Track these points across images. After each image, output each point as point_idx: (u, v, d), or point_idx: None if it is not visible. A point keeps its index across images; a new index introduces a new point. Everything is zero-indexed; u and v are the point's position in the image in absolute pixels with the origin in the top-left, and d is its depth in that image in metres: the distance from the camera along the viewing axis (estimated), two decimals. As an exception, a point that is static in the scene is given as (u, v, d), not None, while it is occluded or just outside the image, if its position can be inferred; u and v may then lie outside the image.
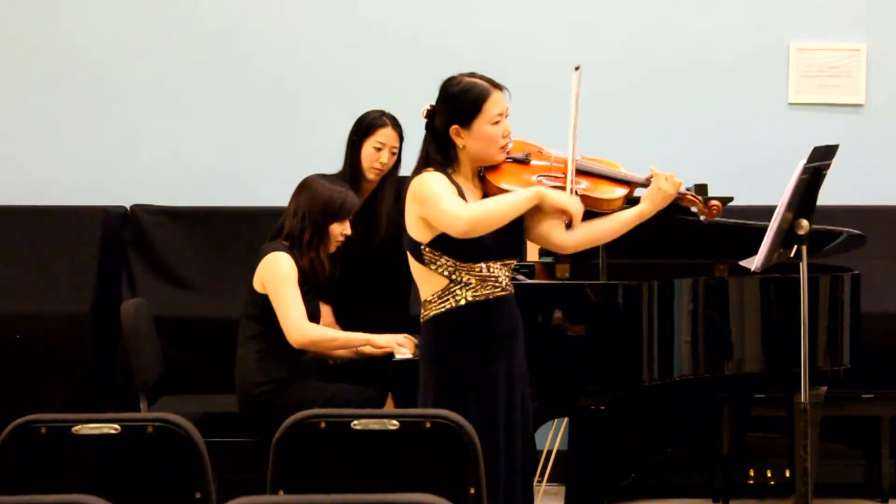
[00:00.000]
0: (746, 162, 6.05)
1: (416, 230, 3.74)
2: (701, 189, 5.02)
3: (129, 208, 5.98)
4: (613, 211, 3.87)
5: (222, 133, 6.13)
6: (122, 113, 6.14)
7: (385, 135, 4.93)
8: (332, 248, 4.79)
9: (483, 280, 3.75)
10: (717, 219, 4.23)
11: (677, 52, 6.12)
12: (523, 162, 3.83)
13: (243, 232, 5.61)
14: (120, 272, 5.91)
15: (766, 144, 6.06)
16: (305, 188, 4.79)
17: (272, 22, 6.13)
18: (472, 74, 3.80)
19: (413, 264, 3.80)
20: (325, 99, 6.09)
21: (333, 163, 5.09)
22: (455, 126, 3.73)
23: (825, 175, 4.19)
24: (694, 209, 3.97)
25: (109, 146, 6.14)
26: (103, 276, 5.89)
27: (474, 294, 3.74)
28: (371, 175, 4.95)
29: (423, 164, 3.78)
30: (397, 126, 4.95)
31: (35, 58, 6.14)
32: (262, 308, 4.71)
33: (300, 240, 4.72)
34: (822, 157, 4.12)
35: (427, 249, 3.73)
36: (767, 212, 4.18)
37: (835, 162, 4.22)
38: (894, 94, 6.15)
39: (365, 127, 4.95)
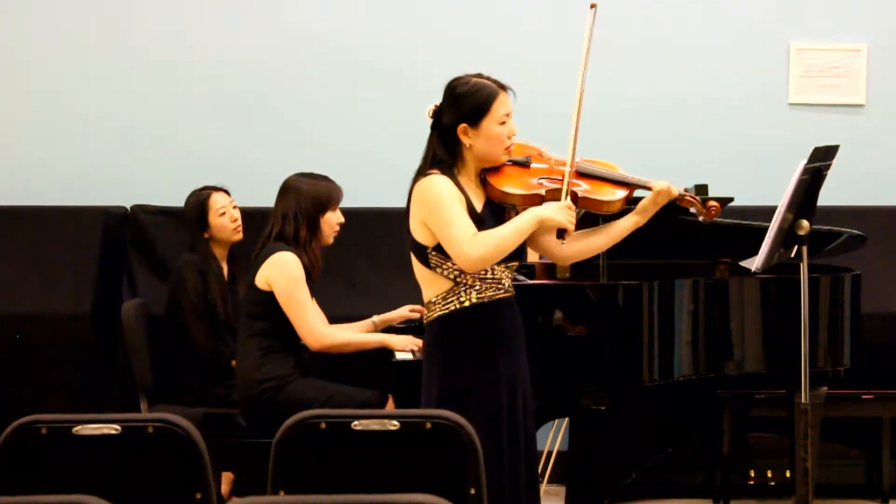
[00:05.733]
0: (746, 162, 6.05)
1: (422, 234, 3.74)
2: (701, 189, 5.02)
3: (129, 208, 5.98)
4: (613, 213, 3.87)
5: (223, 133, 6.13)
6: (122, 113, 6.14)
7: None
8: (330, 240, 4.82)
9: (487, 282, 3.76)
10: (718, 219, 4.22)
11: (677, 52, 6.12)
12: (524, 165, 3.84)
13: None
14: (120, 272, 5.91)
15: (766, 144, 6.06)
16: (289, 189, 4.82)
17: (272, 24, 6.13)
18: (479, 75, 3.81)
19: (416, 266, 3.79)
20: (325, 100, 6.09)
21: (333, 163, 5.09)
22: (463, 125, 3.73)
23: (826, 175, 4.19)
24: (693, 210, 3.97)
25: (109, 146, 6.14)
26: (104, 276, 5.89)
27: (479, 295, 3.75)
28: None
29: (429, 163, 3.77)
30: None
31: (35, 58, 6.14)
32: (267, 305, 4.72)
33: (296, 239, 4.74)
34: (822, 158, 4.11)
35: (433, 254, 3.73)
36: (767, 212, 4.18)
37: (835, 162, 4.22)
38: (894, 94, 6.15)
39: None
